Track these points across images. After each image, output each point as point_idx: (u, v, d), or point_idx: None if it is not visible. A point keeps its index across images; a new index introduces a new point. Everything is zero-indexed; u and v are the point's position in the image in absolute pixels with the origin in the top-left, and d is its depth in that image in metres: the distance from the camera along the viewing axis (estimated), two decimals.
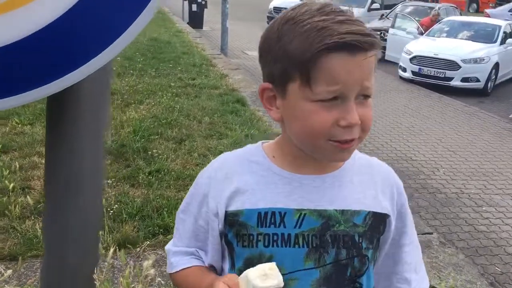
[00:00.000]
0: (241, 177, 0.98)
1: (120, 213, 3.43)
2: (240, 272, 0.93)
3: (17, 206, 3.41)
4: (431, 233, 3.60)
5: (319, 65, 0.84)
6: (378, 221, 0.98)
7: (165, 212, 3.44)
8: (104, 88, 1.82)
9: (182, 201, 3.67)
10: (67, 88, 1.53)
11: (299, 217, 0.94)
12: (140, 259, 3.01)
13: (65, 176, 1.82)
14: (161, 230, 3.28)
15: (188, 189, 3.65)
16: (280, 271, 0.88)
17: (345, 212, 0.96)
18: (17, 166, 4.01)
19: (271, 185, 0.96)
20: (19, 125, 5.08)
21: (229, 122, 5.58)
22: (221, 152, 4.38)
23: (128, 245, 3.08)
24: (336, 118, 0.87)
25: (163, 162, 4.34)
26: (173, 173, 4.12)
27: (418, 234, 3.45)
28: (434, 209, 4.74)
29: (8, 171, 3.91)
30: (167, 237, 3.20)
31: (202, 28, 15.90)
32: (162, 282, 2.45)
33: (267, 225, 0.94)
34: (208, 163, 3.99)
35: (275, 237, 0.93)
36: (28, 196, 3.46)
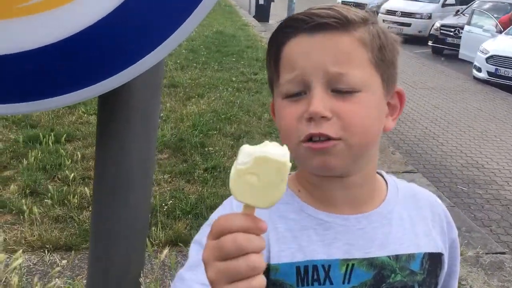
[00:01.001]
0: (270, 222, 0.75)
1: (174, 209, 3.41)
2: None
3: (76, 196, 3.48)
4: (504, 253, 3.29)
5: (282, 55, 0.76)
6: (435, 263, 0.82)
7: None
8: (156, 87, 1.75)
9: None
10: (119, 86, 1.47)
11: (346, 269, 0.76)
12: None
13: (115, 174, 1.78)
14: None
15: None
16: None
17: (399, 257, 0.78)
18: (79, 156, 4.11)
19: (307, 231, 0.77)
20: (85, 115, 5.22)
21: None
22: None
23: (180, 243, 3.04)
24: (302, 111, 0.72)
25: (219, 158, 4.29)
26: (229, 171, 4.03)
27: (488, 253, 3.12)
28: (507, 223, 4.37)
29: (70, 161, 4.01)
30: None
31: (268, 21, 15.82)
32: None
33: (310, 283, 0.75)
34: None
35: None
36: (87, 187, 3.52)
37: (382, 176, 0.86)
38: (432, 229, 0.83)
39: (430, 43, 13.37)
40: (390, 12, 15.01)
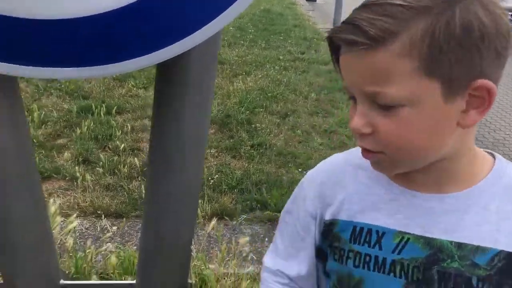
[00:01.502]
0: (343, 184, 0.84)
1: (220, 183, 3.45)
2: (334, 287, 0.83)
3: (126, 166, 3.57)
4: None
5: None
6: None
7: (263, 188, 3.39)
8: (213, 58, 1.75)
9: (281, 178, 3.56)
10: (177, 56, 1.49)
11: (400, 241, 0.76)
12: (236, 231, 3.01)
13: (170, 143, 1.80)
14: (258, 205, 3.25)
15: (288, 166, 3.54)
16: None
17: (463, 246, 0.74)
18: (129, 127, 4.21)
19: (373, 197, 0.80)
20: (134, 88, 5.33)
21: (336, 101, 5.37)
22: (325, 130, 4.25)
23: (225, 217, 3.08)
24: None
25: (265, 136, 4.29)
26: (274, 148, 4.05)
27: None
28: None
29: (120, 132, 4.11)
30: (264, 213, 3.16)
31: (315, 1, 15.55)
32: (255, 258, 2.40)
33: (361, 242, 0.79)
34: (311, 141, 3.87)
35: (367, 259, 0.78)
36: (136, 158, 3.61)
37: (495, 160, 0.79)
38: None
39: None
40: None
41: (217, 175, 3.55)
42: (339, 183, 0.84)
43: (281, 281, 0.92)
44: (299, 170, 3.67)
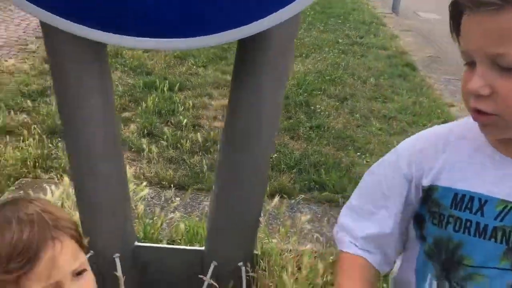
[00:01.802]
0: (444, 151, 0.87)
1: (279, 162, 3.51)
2: (429, 249, 0.87)
3: (188, 141, 3.69)
4: None
5: (461, 24, 0.75)
6: None
7: (322, 170, 3.42)
8: (290, 39, 1.78)
9: (339, 161, 3.53)
10: (257, 34, 1.53)
11: (503, 209, 0.79)
12: (294, 210, 3.06)
13: (245, 118, 1.85)
14: (316, 186, 3.28)
15: (347, 149, 3.51)
16: (465, 261, 0.81)
17: None
18: (191, 104, 4.32)
19: (477, 166, 0.83)
20: (194, 67, 5.43)
21: (396, 86, 5.28)
22: (384, 116, 4.16)
23: (284, 195, 3.14)
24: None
25: (324, 118, 4.30)
26: (333, 131, 4.06)
27: None
28: None
29: (182, 108, 4.23)
30: (322, 194, 3.19)
31: None
32: (321, 238, 2.43)
33: (462, 209, 0.83)
34: (370, 126, 3.82)
35: (468, 224, 0.81)
36: (198, 133, 3.72)
37: None
38: None
39: None
40: None
41: (275, 154, 3.60)
42: (440, 151, 0.87)
43: (356, 243, 0.95)
44: (358, 154, 3.66)
